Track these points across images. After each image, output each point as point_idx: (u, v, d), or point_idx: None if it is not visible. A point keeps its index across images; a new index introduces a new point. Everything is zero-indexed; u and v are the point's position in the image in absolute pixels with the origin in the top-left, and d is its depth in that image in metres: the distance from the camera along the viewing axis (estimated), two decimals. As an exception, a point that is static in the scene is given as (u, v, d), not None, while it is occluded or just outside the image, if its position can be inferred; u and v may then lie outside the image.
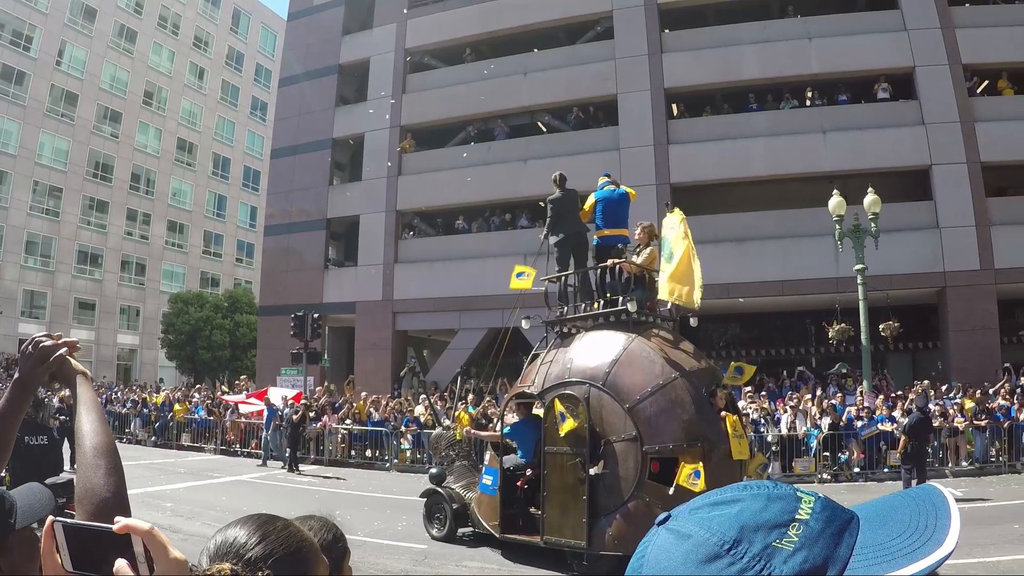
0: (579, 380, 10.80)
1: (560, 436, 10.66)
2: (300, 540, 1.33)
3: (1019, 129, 25.45)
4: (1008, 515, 13.04)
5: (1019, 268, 24.47)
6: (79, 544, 1.16)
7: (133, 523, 1.13)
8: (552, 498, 10.80)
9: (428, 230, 33.45)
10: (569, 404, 10.70)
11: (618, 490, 10.17)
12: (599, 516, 10.23)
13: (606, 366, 10.66)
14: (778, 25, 29.20)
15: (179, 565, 1.14)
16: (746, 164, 27.71)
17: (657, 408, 10.18)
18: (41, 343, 1.92)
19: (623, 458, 10.23)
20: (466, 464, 13.65)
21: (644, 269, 11.75)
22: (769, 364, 28.46)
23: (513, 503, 11.67)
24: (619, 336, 11.09)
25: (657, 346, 10.86)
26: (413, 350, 34.40)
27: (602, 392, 10.51)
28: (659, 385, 10.24)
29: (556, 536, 10.65)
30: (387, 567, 10.54)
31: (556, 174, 13.14)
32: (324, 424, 24.03)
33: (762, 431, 19.96)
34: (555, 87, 31.22)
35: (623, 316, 11.41)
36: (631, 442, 10.16)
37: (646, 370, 10.47)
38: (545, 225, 13.02)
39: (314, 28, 36.93)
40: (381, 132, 33.74)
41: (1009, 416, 19.58)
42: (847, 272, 21.85)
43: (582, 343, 11.46)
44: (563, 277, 12.55)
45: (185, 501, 15.52)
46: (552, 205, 12.89)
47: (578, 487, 10.44)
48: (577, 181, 13.93)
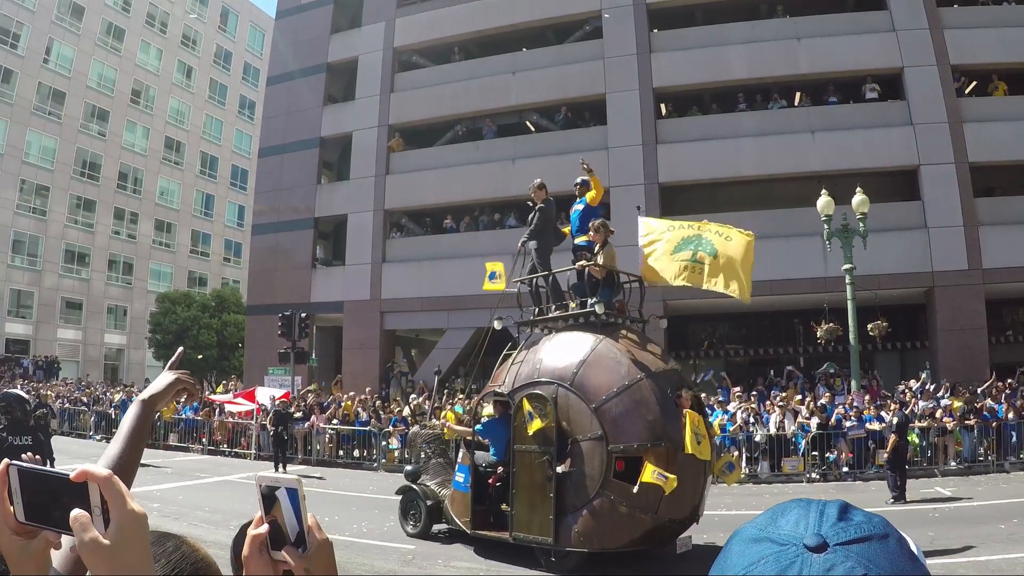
0: (548, 380, 11.04)
1: (528, 435, 10.89)
2: (195, 561, 1.26)
3: (1007, 129, 25.55)
4: (997, 514, 13.07)
5: (1007, 268, 24.56)
6: (34, 492, 1.08)
7: (91, 468, 1.05)
8: (521, 495, 11.04)
9: (416, 229, 33.36)
10: (537, 404, 10.94)
11: (584, 488, 10.41)
12: (566, 513, 10.48)
13: (574, 366, 10.91)
14: (767, 25, 29.21)
15: (137, 518, 1.05)
16: (735, 164, 27.72)
17: (622, 408, 10.43)
18: (187, 386, 2.08)
19: (589, 457, 10.48)
20: (441, 462, 13.82)
21: (610, 270, 11.99)
22: (757, 364, 28.56)
23: (485, 500, 11.89)
24: (587, 337, 11.34)
25: (624, 347, 11.11)
26: (402, 349, 34.32)
27: (569, 392, 10.77)
28: (625, 386, 10.50)
29: (524, 532, 10.90)
30: (374, 567, 10.49)
31: (540, 182, 13.53)
32: (312, 424, 23.93)
33: (751, 430, 19.99)
34: (544, 86, 31.18)
35: (591, 318, 11.67)
36: (597, 441, 10.41)
37: (612, 371, 10.73)
38: (529, 230, 13.27)
39: (302, 26, 36.80)
40: (369, 131, 33.64)
41: (997, 416, 19.65)
42: (835, 272, 21.89)
43: (552, 344, 11.71)
44: (535, 279, 12.88)
45: (172, 502, 15.43)
46: (540, 214, 13.24)
47: (545, 485, 10.70)
48: (565, 181, 14.01)
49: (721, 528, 12.75)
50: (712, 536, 11.80)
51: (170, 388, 2.06)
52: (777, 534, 0.87)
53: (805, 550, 0.83)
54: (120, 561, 1.03)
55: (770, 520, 0.90)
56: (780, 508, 0.92)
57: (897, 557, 0.83)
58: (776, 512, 0.91)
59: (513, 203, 30.25)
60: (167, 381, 2.07)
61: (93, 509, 1.04)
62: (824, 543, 0.83)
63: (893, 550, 0.84)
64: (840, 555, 0.82)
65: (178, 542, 1.29)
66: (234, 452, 25.59)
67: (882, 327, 20.46)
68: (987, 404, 20.23)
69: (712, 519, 14.13)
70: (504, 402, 11.92)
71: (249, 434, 25.61)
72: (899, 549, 0.84)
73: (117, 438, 1.95)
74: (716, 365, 29.15)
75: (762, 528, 0.89)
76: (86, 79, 56.14)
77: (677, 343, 29.50)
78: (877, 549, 0.83)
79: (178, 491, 17.22)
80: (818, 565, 0.81)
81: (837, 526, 0.85)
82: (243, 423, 25.78)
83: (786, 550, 0.84)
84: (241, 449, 25.59)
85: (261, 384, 28.17)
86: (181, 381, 2.09)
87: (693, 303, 27.51)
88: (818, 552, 0.83)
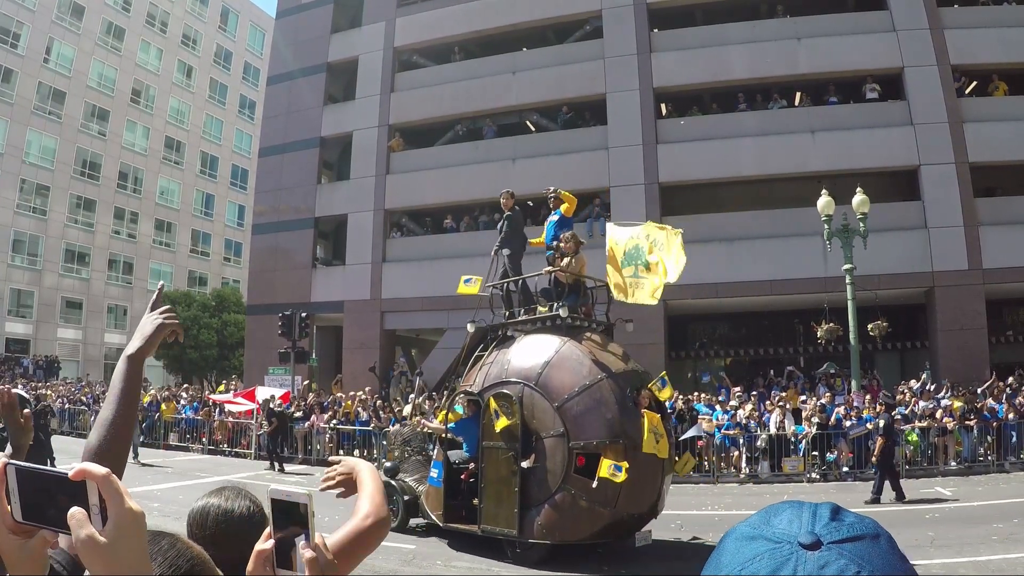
0: (515, 380, 11.65)
1: (496, 432, 11.49)
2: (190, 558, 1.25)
3: (1007, 129, 25.54)
4: (997, 514, 13.06)
5: (1007, 268, 24.55)
6: (32, 491, 1.07)
7: (89, 467, 1.05)
8: (488, 490, 11.62)
9: (416, 229, 33.35)
10: (503, 403, 11.57)
11: (547, 483, 11.00)
12: (530, 507, 11.06)
13: (539, 367, 11.55)
14: (767, 25, 29.20)
15: (135, 516, 1.05)
16: (735, 164, 27.71)
17: (583, 407, 11.02)
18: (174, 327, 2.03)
19: (552, 453, 11.08)
20: (420, 459, 14.43)
21: (577, 276, 12.76)
22: (757, 364, 28.54)
23: (457, 495, 12.42)
24: (553, 340, 11.98)
25: (587, 349, 11.73)
26: (402, 349, 34.32)
27: (534, 391, 11.38)
28: (585, 386, 11.10)
29: (492, 525, 11.47)
30: (375, 567, 10.48)
31: (509, 191, 14.62)
32: (312, 424, 23.93)
33: (752, 431, 20.00)
34: (544, 86, 31.16)
35: (557, 321, 12.25)
36: (559, 438, 11.02)
37: (575, 371, 11.34)
38: (500, 237, 14.16)
39: (303, 26, 36.78)
40: (369, 131, 33.63)
41: (997, 416, 19.64)
42: (836, 272, 21.88)
43: (520, 346, 12.35)
44: (506, 284, 13.63)
45: (172, 501, 15.40)
46: (509, 221, 14.23)
47: (511, 479, 11.27)
48: (565, 181, 14.29)
49: (721, 528, 12.76)
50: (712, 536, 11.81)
51: (156, 335, 1.98)
52: (771, 532, 0.88)
53: (799, 548, 0.84)
54: (117, 559, 1.02)
55: (764, 519, 0.91)
56: (773, 508, 0.93)
57: (889, 556, 0.85)
58: (769, 512, 0.93)
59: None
60: (152, 328, 1.98)
61: (91, 507, 1.04)
62: (818, 541, 0.85)
63: (885, 549, 0.85)
64: (834, 553, 0.83)
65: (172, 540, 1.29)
66: (234, 452, 25.60)
67: (882, 327, 20.46)
68: (987, 404, 20.22)
69: (712, 519, 14.17)
70: (474, 401, 12.38)
71: (249, 434, 25.61)
72: (890, 549, 0.86)
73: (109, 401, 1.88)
74: (716, 365, 29.19)
75: (756, 527, 0.90)
76: (86, 79, 56.11)
77: (677, 343, 29.51)
78: (869, 548, 0.85)
79: (178, 491, 17.21)
80: (812, 563, 0.83)
81: (830, 525, 0.87)
82: (243, 423, 25.77)
83: (780, 548, 0.85)
84: (241, 449, 25.59)
85: (261, 384, 28.15)
86: (165, 325, 2.00)
87: (693, 303, 27.55)
88: (812, 550, 0.84)
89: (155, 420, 27.64)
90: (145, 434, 27.41)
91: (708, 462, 19.91)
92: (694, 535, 12.51)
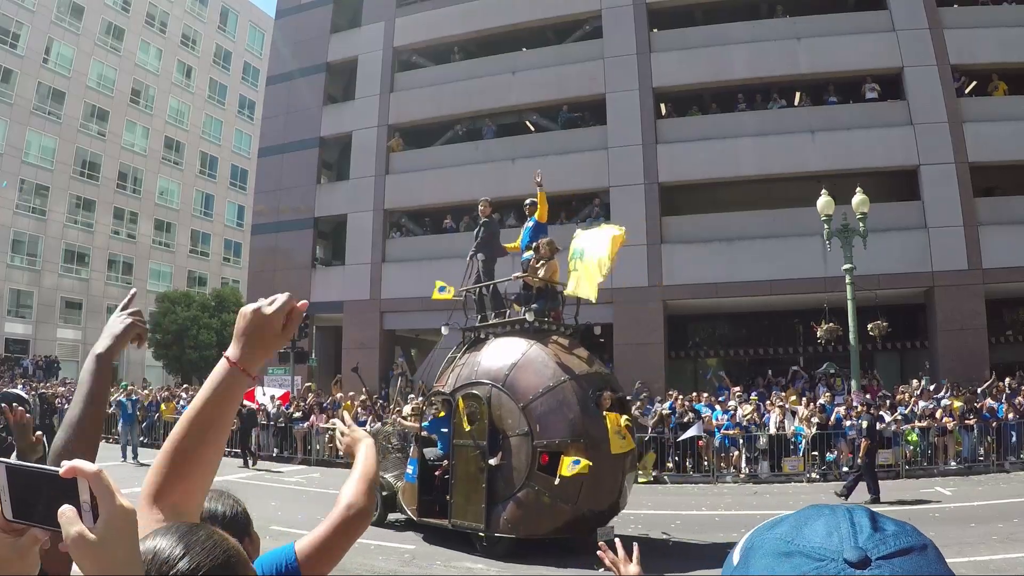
0: (484, 381, 12.16)
1: (465, 430, 12.11)
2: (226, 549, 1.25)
3: (1007, 129, 25.53)
4: (997, 514, 13.05)
5: (1007, 268, 24.54)
6: (22, 489, 1.06)
7: (80, 464, 1.04)
8: (458, 486, 12.13)
9: (416, 229, 33.34)
10: (472, 402, 12.16)
11: (512, 480, 11.50)
12: (496, 502, 11.55)
13: (506, 369, 12.06)
14: (767, 25, 29.21)
15: (125, 513, 1.05)
16: (735, 164, 27.71)
17: (547, 407, 11.55)
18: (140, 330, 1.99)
19: (517, 451, 11.58)
20: (400, 456, 14.97)
21: (547, 282, 13.17)
22: (757, 364, 28.53)
23: (432, 491, 12.88)
24: (521, 343, 12.50)
25: (553, 352, 12.25)
26: (401, 349, 34.30)
27: (502, 392, 11.88)
28: (549, 387, 11.61)
29: (461, 519, 11.96)
30: (375, 567, 10.50)
31: (487, 199, 15.37)
32: (311, 424, 23.92)
33: (752, 432, 19.99)
34: (543, 86, 31.14)
35: (526, 324, 12.70)
36: (524, 437, 11.52)
37: (540, 373, 11.85)
38: (476, 243, 14.75)
39: (302, 26, 36.78)
40: (369, 131, 33.63)
41: (997, 416, 19.63)
42: (835, 272, 21.86)
43: (489, 348, 12.85)
44: (479, 288, 14.17)
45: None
46: (485, 228, 14.85)
47: (479, 476, 11.78)
48: (566, 181, 14.33)
49: (721, 528, 12.77)
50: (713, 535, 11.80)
51: (125, 335, 1.97)
52: (808, 547, 0.80)
53: (847, 566, 0.77)
54: (107, 557, 1.02)
55: (794, 530, 0.83)
56: (803, 516, 0.85)
57: (938, 567, 0.79)
58: (799, 520, 0.84)
59: (513, 203, 30.04)
60: (121, 327, 1.97)
61: (82, 505, 1.03)
62: (866, 557, 0.77)
63: (934, 560, 0.79)
64: (885, 570, 0.76)
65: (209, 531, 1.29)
66: (234, 452, 25.56)
67: (882, 327, 20.44)
68: (987, 404, 20.21)
69: (712, 519, 14.16)
70: (447, 401, 12.83)
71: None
72: (938, 559, 0.80)
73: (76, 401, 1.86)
74: (716, 365, 29.17)
75: (789, 540, 0.82)
76: (86, 79, 56.07)
77: (677, 343, 29.51)
78: (920, 562, 0.78)
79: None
80: None
81: (875, 537, 0.79)
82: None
83: (824, 565, 0.77)
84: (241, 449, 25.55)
85: (261, 384, 28.12)
86: (135, 325, 1.99)
87: (693, 303, 27.57)
88: (861, 567, 0.76)
89: (155, 420, 27.64)
90: (145, 434, 27.41)
91: (708, 462, 19.91)
92: (663, 530, 12.69)
